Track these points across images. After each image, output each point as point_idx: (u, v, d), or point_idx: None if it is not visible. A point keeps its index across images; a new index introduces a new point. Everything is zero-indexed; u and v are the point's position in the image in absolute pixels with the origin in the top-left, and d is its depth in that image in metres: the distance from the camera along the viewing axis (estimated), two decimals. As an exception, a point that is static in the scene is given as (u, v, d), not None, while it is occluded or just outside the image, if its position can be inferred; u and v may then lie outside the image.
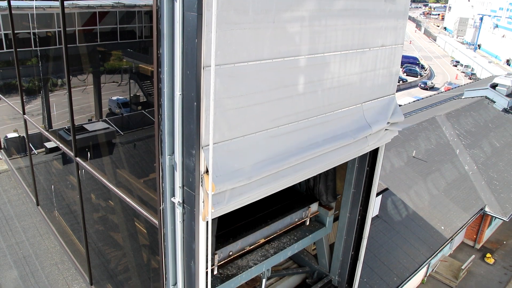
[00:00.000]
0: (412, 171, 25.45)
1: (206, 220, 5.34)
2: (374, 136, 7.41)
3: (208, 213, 5.18)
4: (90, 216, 8.86)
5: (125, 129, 7.44)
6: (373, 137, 7.38)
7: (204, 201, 5.22)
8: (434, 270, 26.00)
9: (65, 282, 11.99)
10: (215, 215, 5.35)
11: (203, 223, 5.06)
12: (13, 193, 14.01)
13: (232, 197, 5.29)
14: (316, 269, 9.69)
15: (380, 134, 7.53)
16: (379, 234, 21.09)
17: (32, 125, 11.23)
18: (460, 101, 35.47)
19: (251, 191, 5.51)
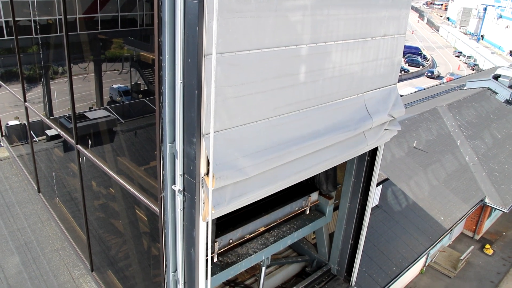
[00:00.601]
0: (412, 161, 25.47)
1: (207, 221, 5.39)
2: (374, 134, 7.43)
3: (208, 213, 5.22)
4: (91, 203, 8.90)
5: (126, 117, 7.45)
6: (372, 136, 7.41)
7: (204, 202, 5.26)
8: (433, 260, 26.13)
9: (66, 268, 12.09)
10: (215, 216, 5.38)
11: (203, 211, 5.09)
12: (14, 180, 14.06)
13: (232, 198, 5.32)
14: (316, 258, 9.75)
15: (379, 132, 7.55)
16: (378, 224, 21.17)
17: (33, 113, 11.24)
18: (462, 92, 35.36)
19: (251, 191, 5.54)
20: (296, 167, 6.18)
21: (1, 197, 13.42)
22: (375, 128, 7.53)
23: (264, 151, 5.51)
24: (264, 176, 5.76)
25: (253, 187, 5.60)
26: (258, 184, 5.67)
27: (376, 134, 7.52)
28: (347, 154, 7.05)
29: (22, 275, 11.68)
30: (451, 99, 32.36)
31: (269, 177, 5.81)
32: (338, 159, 6.95)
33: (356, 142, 7.16)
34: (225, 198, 5.25)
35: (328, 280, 9.35)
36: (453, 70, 75.03)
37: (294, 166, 6.15)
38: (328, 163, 6.75)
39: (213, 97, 4.58)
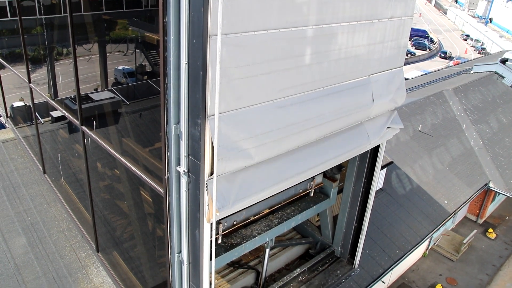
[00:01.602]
0: (417, 145, 25.41)
1: (211, 222, 5.43)
2: (376, 132, 7.43)
3: (212, 215, 5.25)
4: (96, 184, 8.95)
5: (131, 99, 7.44)
6: (375, 133, 7.40)
7: (209, 204, 5.28)
8: (436, 244, 26.24)
9: (72, 249, 12.22)
10: (220, 217, 5.40)
11: (208, 184, 5.09)
12: (20, 162, 14.14)
13: (236, 200, 5.34)
14: (319, 240, 9.80)
15: (382, 130, 7.54)
16: (382, 207, 21.23)
17: (38, 94, 11.25)
18: (469, 75, 35.06)
19: (255, 192, 5.56)
20: (299, 166, 6.19)
21: (7, 178, 13.51)
22: (377, 124, 7.51)
23: (269, 133, 5.50)
24: (268, 175, 5.77)
25: (257, 187, 5.62)
26: (262, 184, 5.69)
27: (379, 131, 7.50)
28: (350, 153, 7.06)
29: (29, 255, 11.82)
30: (457, 83, 32.11)
31: (273, 176, 5.83)
32: (340, 158, 6.97)
33: (359, 140, 7.16)
34: (229, 200, 5.27)
35: (331, 262, 9.42)
36: (460, 53, 74.32)
37: (297, 164, 6.16)
38: (331, 162, 6.78)
39: (218, 78, 4.55)
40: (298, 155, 6.23)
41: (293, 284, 8.83)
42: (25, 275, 11.35)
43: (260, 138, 5.42)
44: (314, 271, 9.19)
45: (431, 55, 69.85)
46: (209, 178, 5.07)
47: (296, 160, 6.19)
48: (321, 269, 9.25)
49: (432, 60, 68.10)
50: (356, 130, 7.18)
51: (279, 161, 5.95)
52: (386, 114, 7.82)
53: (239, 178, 5.44)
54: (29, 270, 11.50)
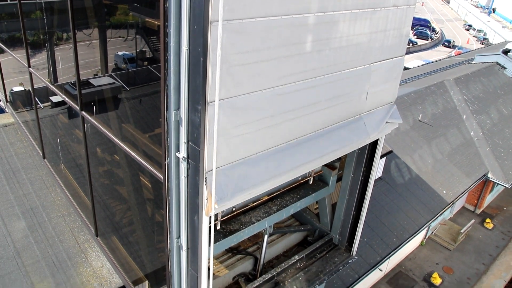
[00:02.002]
0: (417, 134, 25.43)
1: (209, 216, 5.45)
2: (375, 126, 7.42)
3: (211, 209, 5.29)
4: (96, 170, 8.97)
5: (131, 85, 7.43)
6: (374, 128, 7.39)
7: (207, 198, 5.30)
8: (434, 233, 26.40)
9: (72, 233, 12.29)
10: (219, 210, 5.41)
11: (208, 178, 5.12)
12: (19, 146, 14.16)
13: (235, 192, 5.35)
14: (318, 228, 9.86)
15: (381, 125, 7.53)
16: (381, 196, 21.32)
17: (37, 79, 11.22)
18: (470, 66, 34.93)
19: (254, 185, 5.57)
20: (297, 160, 6.20)
21: (7, 162, 13.53)
22: (376, 117, 7.51)
23: (267, 119, 5.51)
24: (267, 168, 5.79)
25: (256, 180, 5.63)
26: (260, 177, 5.70)
27: (377, 125, 7.49)
28: (348, 147, 7.05)
29: (29, 239, 11.89)
30: (458, 73, 32.02)
31: (271, 169, 5.84)
32: (338, 152, 6.97)
33: (358, 134, 7.16)
34: (227, 192, 5.28)
35: (329, 249, 9.48)
36: (462, 44, 73.98)
37: (295, 158, 6.18)
38: (329, 156, 6.79)
39: (219, 64, 4.55)
40: (297, 149, 6.24)
41: (291, 270, 8.90)
42: (24, 258, 11.44)
43: (259, 124, 5.43)
44: (312, 258, 9.26)
45: (433, 45, 69.62)
46: (208, 171, 5.08)
47: (294, 154, 6.21)
48: (319, 256, 9.31)
49: (434, 49, 67.85)
50: (355, 124, 7.18)
51: (278, 154, 5.96)
52: (385, 107, 7.82)
53: (238, 170, 5.46)
54: (28, 254, 11.58)
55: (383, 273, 23.17)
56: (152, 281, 8.24)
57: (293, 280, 8.69)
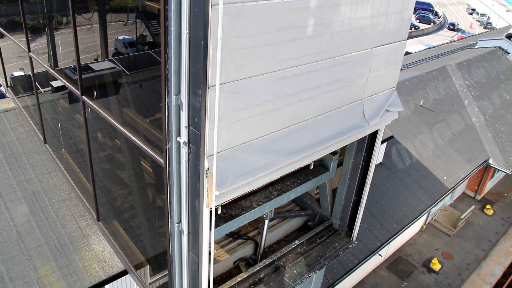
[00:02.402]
0: (418, 120, 25.38)
1: (210, 208, 5.47)
2: (374, 114, 7.38)
3: (212, 201, 5.31)
4: (97, 154, 8.99)
5: (131, 69, 7.40)
6: (373, 116, 7.35)
7: (208, 191, 5.30)
8: (434, 219, 26.51)
9: (73, 218, 12.36)
10: (219, 201, 5.43)
11: (208, 162, 5.12)
12: (21, 131, 14.17)
13: (236, 177, 5.34)
14: (318, 213, 9.89)
15: (380, 112, 7.49)
16: (381, 181, 21.37)
17: (37, 64, 11.17)
18: (473, 51, 34.70)
19: (254, 171, 5.56)
20: (299, 145, 6.19)
21: (8, 147, 13.56)
22: (376, 103, 7.47)
23: (268, 104, 5.49)
24: (268, 154, 5.78)
25: (257, 165, 5.63)
26: (262, 162, 5.69)
27: (377, 112, 7.45)
28: (347, 136, 7.02)
29: (31, 224, 11.96)
30: (461, 58, 31.82)
31: (273, 155, 5.83)
32: (339, 143, 6.96)
33: (358, 121, 7.12)
34: (228, 177, 5.28)
35: (329, 234, 9.53)
36: (464, 28, 73.41)
37: (297, 144, 6.16)
38: (329, 147, 6.79)
39: (220, 48, 4.51)
40: (298, 134, 6.22)
41: (291, 255, 8.96)
42: (27, 242, 11.52)
43: (260, 109, 5.41)
44: (312, 243, 9.30)
45: (435, 29, 69.12)
46: (209, 155, 5.08)
47: (295, 139, 6.19)
48: (319, 241, 9.36)
49: (437, 34, 67.33)
50: (355, 110, 7.15)
51: (279, 139, 5.95)
52: (386, 92, 7.78)
53: (239, 155, 5.46)
54: (31, 238, 11.66)
55: (383, 258, 23.33)
56: (153, 265, 8.31)
57: (293, 265, 8.75)
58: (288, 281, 8.38)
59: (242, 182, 5.51)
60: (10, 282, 10.72)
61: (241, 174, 5.44)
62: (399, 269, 23.15)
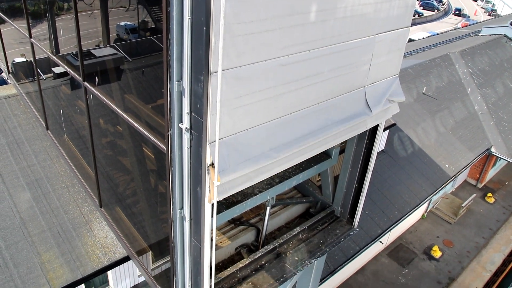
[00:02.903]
0: (421, 107, 25.31)
1: (212, 203, 5.49)
2: (377, 102, 7.35)
3: (214, 196, 5.31)
4: (99, 141, 8.99)
5: (133, 55, 7.37)
6: (376, 106, 7.31)
7: (210, 187, 5.30)
8: (435, 207, 26.57)
9: (76, 204, 12.42)
10: (222, 195, 5.44)
11: (210, 148, 5.12)
12: (23, 118, 14.18)
13: (237, 164, 5.33)
14: (320, 200, 9.91)
15: (382, 100, 7.45)
16: (383, 169, 21.38)
17: (39, 50, 11.14)
18: (477, 38, 34.45)
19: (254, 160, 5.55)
20: (301, 132, 6.17)
21: (11, 134, 13.58)
22: (378, 90, 7.43)
23: (269, 90, 5.47)
24: (270, 141, 5.77)
25: (259, 152, 5.62)
26: (264, 149, 5.68)
27: (378, 102, 7.41)
28: (350, 123, 7.00)
29: (34, 210, 12.04)
30: (464, 45, 31.61)
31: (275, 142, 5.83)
32: (342, 133, 6.95)
33: (360, 111, 7.09)
34: (230, 164, 5.28)
35: (331, 221, 9.56)
36: (469, 15, 72.82)
37: (299, 131, 6.15)
38: (332, 138, 6.79)
39: (222, 34, 4.48)
40: (300, 121, 6.20)
41: (292, 242, 9.00)
42: (30, 228, 11.60)
43: (262, 95, 5.39)
44: (314, 229, 9.34)
45: (439, 16, 68.60)
46: (211, 142, 5.07)
47: (298, 126, 6.18)
48: (320, 228, 9.40)
49: (440, 21, 66.82)
50: (357, 97, 7.12)
51: (281, 126, 5.94)
52: (389, 80, 7.74)
53: (241, 141, 5.46)
54: (34, 224, 11.74)
55: (384, 246, 23.44)
56: (155, 251, 8.36)
57: (294, 251, 8.79)
58: (289, 267, 8.43)
59: (243, 169, 5.51)
60: (14, 268, 10.82)
61: (242, 161, 5.44)
62: (399, 256, 23.28)
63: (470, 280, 22.37)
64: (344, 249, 17.75)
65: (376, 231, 18.85)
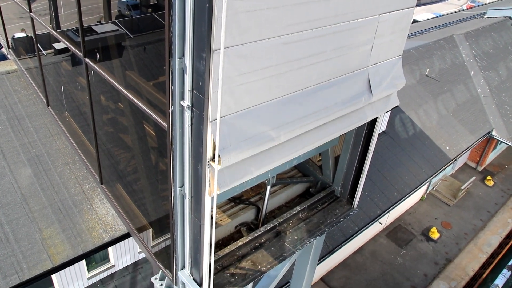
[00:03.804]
0: (423, 89, 25.20)
1: (212, 196, 5.53)
2: (379, 87, 7.30)
3: (214, 191, 5.32)
4: (100, 118, 8.98)
5: (134, 32, 7.30)
6: (378, 87, 7.26)
7: (210, 180, 5.30)
8: (434, 188, 26.68)
9: (77, 181, 12.47)
10: (224, 187, 5.45)
11: (211, 126, 5.11)
12: (23, 94, 14.13)
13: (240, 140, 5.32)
14: (320, 179, 9.93)
15: (383, 83, 7.39)
16: (384, 150, 21.40)
17: (39, 25, 11.03)
18: (482, 20, 34.07)
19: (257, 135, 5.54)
20: (303, 112, 6.15)
21: (11, 110, 13.55)
22: (382, 72, 7.36)
23: (271, 68, 5.43)
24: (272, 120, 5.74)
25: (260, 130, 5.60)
26: (265, 128, 5.66)
27: (380, 83, 7.34)
28: (352, 103, 6.96)
29: (35, 186, 12.09)
30: (469, 27, 31.28)
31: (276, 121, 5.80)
32: (342, 127, 6.96)
33: (361, 92, 7.04)
34: (231, 142, 5.26)
35: (331, 201, 9.59)
36: (473, -3, 71.88)
37: (301, 110, 6.12)
38: (330, 136, 6.83)
39: (225, 11, 4.42)
40: (302, 100, 6.18)
41: (292, 221, 9.04)
42: (31, 204, 11.68)
43: (264, 73, 5.36)
44: (313, 209, 9.38)
45: (435, 0, 67.68)
46: (212, 120, 5.06)
47: (300, 105, 6.15)
48: (320, 208, 9.43)
49: (445, 2, 66.02)
50: (359, 78, 7.07)
51: (283, 105, 5.91)
52: (392, 61, 7.67)
53: (242, 120, 5.44)
54: (35, 200, 11.81)
55: (382, 226, 23.64)
56: (155, 228, 8.42)
57: (294, 230, 8.85)
58: (288, 246, 8.50)
59: (244, 149, 5.50)
60: (16, 243, 10.93)
61: (243, 139, 5.43)
62: (398, 237, 23.48)
63: (467, 261, 22.60)
64: (343, 229, 17.90)
65: (375, 212, 18.97)
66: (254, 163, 5.89)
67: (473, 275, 21.93)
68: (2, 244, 10.77)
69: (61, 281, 12.91)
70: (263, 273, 7.89)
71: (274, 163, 6.16)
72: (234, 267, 7.91)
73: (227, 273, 7.77)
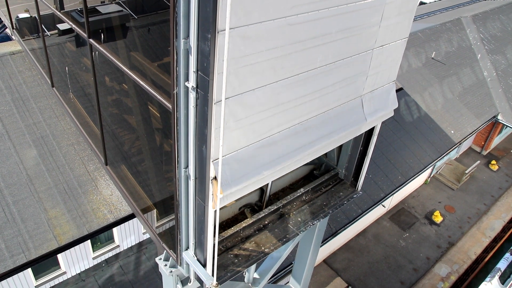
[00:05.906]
0: (429, 72, 25.00)
1: (214, 210, 5.61)
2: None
3: (216, 204, 5.37)
4: (104, 99, 8.98)
5: (139, 13, 7.25)
6: (379, 66, 7.22)
7: (213, 194, 5.31)
8: (438, 172, 26.67)
9: (82, 162, 12.54)
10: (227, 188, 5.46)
11: (216, 108, 5.10)
12: (28, 75, 14.13)
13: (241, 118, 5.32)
14: (324, 162, 9.94)
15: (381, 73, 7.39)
16: (388, 133, 21.35)
17: (43, 6, 10.96)
18: (490, 2, 33.57)
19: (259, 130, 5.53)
20: (306, 93, 6.12)
21: (16, 91, 13.57)
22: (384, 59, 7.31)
23: (279, 49, 5.40)
24: (277, 102, 5.73)
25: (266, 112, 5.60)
26: (270, 110, 5.65)
27: (382, 67, 7.28)
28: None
29: (40, 167, 12.16)
30: (477, 9, 30.86)
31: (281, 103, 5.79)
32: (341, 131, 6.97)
33: (363, 72, 6.99)
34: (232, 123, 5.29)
35: (335, 183, 9.61)
36: (482, -22, 70.75)
37: (305, 92, 6.10)
38: (332, 141, 6.85)
39: (229, -10, 4.38)
40: (307, 81, 6.15)
41: (296, 203, 9.08)
42: (37, 185, 11.77)
43: (269, 54, 5.33)
44: (317, 191, 9.40)
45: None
46: (217, 101, 5.05)
47: (304, 87, 6.13)
48: (324, 190, 9.46)
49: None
50: (363, 60, 7.02)
51: (288, 87, 5.89)
52: (398, 43, 7.61)
53: (246, 101, 5.44)
54: (40, 181, 11.90)
55: (386, 209, 23.71)
56: (160, 209, 8.48)
57: (298, 212, 8.89)
58: (292, 228, 8.55)
59: (246, 124, 5.52)
60: (22, 223, 11.05)
61: (245, 116, 5.46)
62: (401, 220, 23.57)
63: (469, 245, 22.70)
64: (346, 212, 17.97)
65: (379, 195, 19.02)
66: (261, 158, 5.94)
67: (475, 258, 22.06)
68: (8, 224, 10.90)
69: (67, 260, 13.09)
70: (266, 255, 7.95)
71: (278, 149, 6.18)
72: (238, 248, 7.98)
73: (231, 254, 7.83)
